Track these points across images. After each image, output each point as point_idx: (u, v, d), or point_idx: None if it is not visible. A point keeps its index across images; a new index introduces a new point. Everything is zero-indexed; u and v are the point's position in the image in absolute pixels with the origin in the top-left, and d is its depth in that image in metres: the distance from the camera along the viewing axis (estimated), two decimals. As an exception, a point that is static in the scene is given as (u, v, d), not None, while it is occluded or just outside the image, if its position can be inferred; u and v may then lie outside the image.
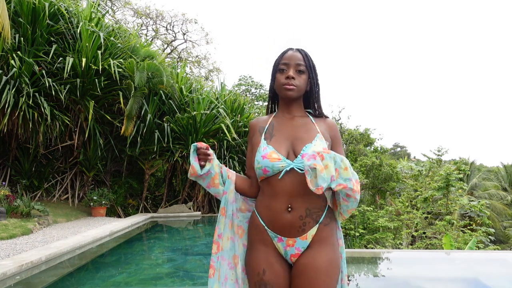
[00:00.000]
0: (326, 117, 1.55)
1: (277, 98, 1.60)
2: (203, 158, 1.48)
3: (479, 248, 7.80)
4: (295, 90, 1.45)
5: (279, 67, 1.48)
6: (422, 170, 12.08)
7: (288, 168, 1.36)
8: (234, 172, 1.58)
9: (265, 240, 1.41)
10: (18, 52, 7.11)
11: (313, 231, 1.36)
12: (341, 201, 1.35)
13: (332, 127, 1.52)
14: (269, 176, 1.39)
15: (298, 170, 1.35)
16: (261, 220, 1.42)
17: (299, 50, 1.50)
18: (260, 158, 1.39)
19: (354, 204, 1.34)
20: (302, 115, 1.52)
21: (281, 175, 1.36)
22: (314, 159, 1.27)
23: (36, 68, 7.25)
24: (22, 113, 6.89)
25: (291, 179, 1.36)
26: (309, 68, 1.49)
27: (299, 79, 1.46)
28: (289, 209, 1.36)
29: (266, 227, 1.40)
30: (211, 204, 10.67)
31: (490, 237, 8.82)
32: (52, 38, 7.94)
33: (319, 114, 1.54)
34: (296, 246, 1.37)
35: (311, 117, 1.53)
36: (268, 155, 1.38)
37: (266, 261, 1.39)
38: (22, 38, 7.27)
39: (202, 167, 1.48)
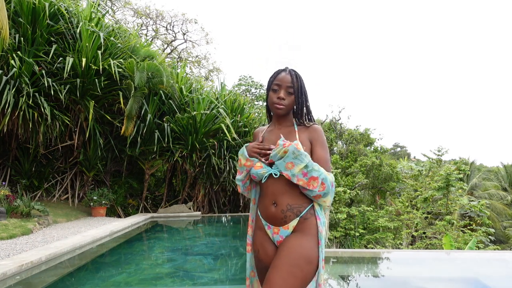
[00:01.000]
0: (313, 124, 1.81)
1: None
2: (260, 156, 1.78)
3: (479, 248, 7.80)
4: (284, 109, 1.77)
5: (272, 87, 1.79)
6: (422, 170, 12.08)
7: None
8: None
9: (261, 227, 1.77)
10: (18, 52, 7.11)
11: (294, 222, 1.66)
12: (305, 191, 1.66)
13: (312, 132, 1.78)
14: (259, 180, 1.74)
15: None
16: (258, 212, 1.81)
17: (291, 73, 1.78)
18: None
19: (312, 193, 1.63)
20: (288, 125, 1.83)
21: (264, 180, 1.71)
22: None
23: (36, 68, 7.25)
24: (22, 113, 6.89)
25: (273, 181, 1.70)
26: (296, 91, 1.78)
27: (288, 99, 1.77)
28: (274, 204, 1.70)
29: (261, 217, 1.77)
30: (211, 204, 10.67)
31: (490, 237, 8.81)
32: (52, 38, 7.94)
33: (303, 124, 1.81)
34: (280, 234, 1.69)
35: (295, 126, 1.81)
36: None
37: (260, 243, 1.75)
38: (22, 38, 7.27)
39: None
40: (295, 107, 1.83)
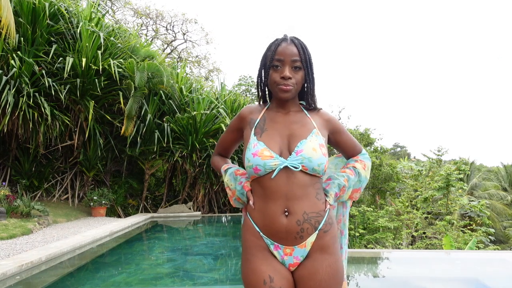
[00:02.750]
0: (320, 109, 1.44)
1: (270, 93, 1.45)
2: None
3: (479, 248, 7.80)
4: (292, 91, 1.31)
5: (273, 64, 1.32)
6: (422, 170, 12.06)
7: (281, 167, 1.25)
8: (225, 164, 1.54)
9: (261, 246, 1.27)
10: (18, 52, 7.11)
11: (312, 238, 1.25)
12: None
13: (328, 120, 1.42)
14: (261, 176, 1.27)
15: (293, 168, 1.25)
16: (254, 225, 1.29)
17: (294, 42, 1.33)
18: (251, 156, 1.27)
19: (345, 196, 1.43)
20: (296, 110, 1.39)
21: (274, 174, 1.24)
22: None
23: (36, 68, 7.25)
24: (22, 113, 6.89)
25: (286, 179, 1.25)
26: (305, 64, 1.33)
27: (295, 77, 1.31)
28: (286, 213, 1.24)
29: (260, 233, 1.27)
30: (211, 204, 10.67)
31: (490, 237, 8.81)
32: (52, 38, 7.94)
33: (313, 108, 1.42)
34: (295, 255, 1.26)
35: (305, 111, 1.41)
36: (259, 153, 1.26)
37: (271, 267, 1.24)
38: (22, 38, 7.27)
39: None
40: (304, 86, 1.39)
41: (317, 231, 1.26)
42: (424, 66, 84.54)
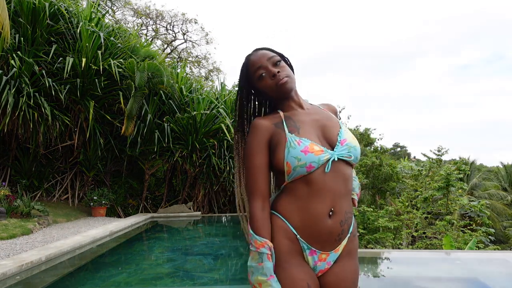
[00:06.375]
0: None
1: (270, 103, 1.37)
2: None
3: (479, 248, 7.80)
4: (289, 80, 1.24)
5: (256, 77, 1.26)
6: (422, 170, 12.06)
7: (335, 159, 1.16)
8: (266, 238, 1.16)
9: (296, 251, 1.16)
10: (18, 52, 7.11)
11: (344, 241, 1.20)
12: None
13: (336, 113, 1.38)
14: (310, 173, 1.15)
15: (346, 158, 1.18)
16: (291, 227, 1.16)
17: (259, 49, 1.31)
18: (301, 154, 1.13)
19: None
20: (308, 104, 1.34)
21: (328, 168, 1.14)
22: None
23: (36, 68, 7.25)
24: (22, 113, 6.89)
25: (335, 174, 1.16)
26: (281, 56, 1.30)
27: (281, 68, 1.25)
28: (331, 213, 1.15)
29: (298, 236, 1.16)
30: (211, 204, 10.67)
31: (490, 237, 8.81)
32: (52, 38, 7.94)
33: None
34: (328, 261, 1.19)
35: (315, 104, 1.36)
36: (310, 149, 1.14)
37: (308, 275, 1.15)
38: (22, 38, 7.27)
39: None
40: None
41: (349, 234, 1.21)
42: (425, 65, 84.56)
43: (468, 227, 9.20)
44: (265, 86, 1.25)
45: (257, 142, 1.21)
